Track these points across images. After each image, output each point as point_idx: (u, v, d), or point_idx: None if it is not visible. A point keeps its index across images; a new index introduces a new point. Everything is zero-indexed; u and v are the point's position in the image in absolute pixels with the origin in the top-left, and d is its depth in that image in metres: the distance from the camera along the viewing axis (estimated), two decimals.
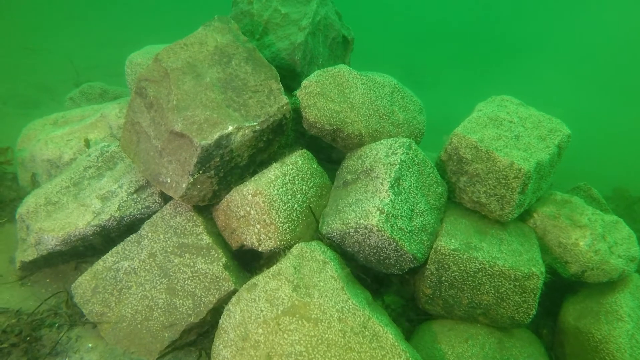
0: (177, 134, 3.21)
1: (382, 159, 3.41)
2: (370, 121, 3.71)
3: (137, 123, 3.57)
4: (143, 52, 4.61)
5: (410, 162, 3.40)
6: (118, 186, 3.63)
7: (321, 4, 4.33)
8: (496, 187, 3.46)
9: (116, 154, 4.03)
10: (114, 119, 4.66)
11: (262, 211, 3.21)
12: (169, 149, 3.27)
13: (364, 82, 3.77)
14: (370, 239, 3.19)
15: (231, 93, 3.41)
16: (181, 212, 3.44)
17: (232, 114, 3.30)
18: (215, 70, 3.50)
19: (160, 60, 3.53)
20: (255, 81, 3.49)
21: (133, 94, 3.62)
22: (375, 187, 3.32)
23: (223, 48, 3.62)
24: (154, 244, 3.36)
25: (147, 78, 3.54)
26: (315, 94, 3.61)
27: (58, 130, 4.72)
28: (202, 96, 3.34)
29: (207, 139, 3.12)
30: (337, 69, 3.74)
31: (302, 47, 3.95)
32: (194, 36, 3.68)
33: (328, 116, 3.59)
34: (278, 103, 3.41)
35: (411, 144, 3.44)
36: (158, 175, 3.32)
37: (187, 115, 3.23)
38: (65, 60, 10.00)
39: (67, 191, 3.77)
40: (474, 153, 3.52)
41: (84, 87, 5.84)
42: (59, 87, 8.97)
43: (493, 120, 3.69)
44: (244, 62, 3.58)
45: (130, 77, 4.51)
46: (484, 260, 3.25)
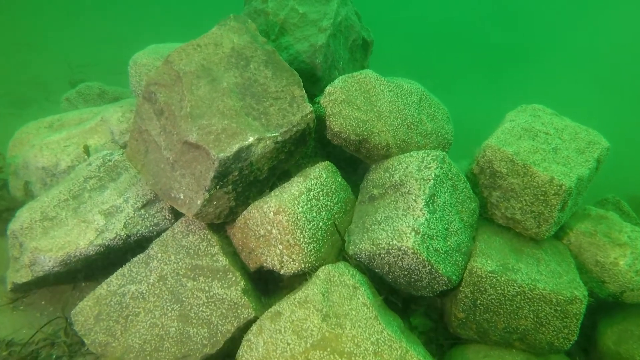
0: (191, 145, 2.92)
1: (414, 174, 3.15)
2: (398, 131, 3.44)
3: (145, 131, 3.26)
4: (148, 51, 4.29)
5: (445, 177, 3.14)
6: (123, 200, 3.31)
7: (342, 4, 4.05)
8: (533, 204, 3.22)
9: (120, 163, 3.71)
10: (116, 124, 4.33)
11: (285, 231, 2.93)
12: (182, 161, 2.97)
13: (391, 89, 3.51)
14: (403, 261, 2.93)
15: (250, 100, 3.12)
16: (194, 230, 3.14)
17: (252, 123, 3.01)
18: (232, 74, 3.21)
19: (171, 62, 3.23)
20: (276, 87, 3.20)
21: (141, 99, 3.31)
22: (408, 204, 3.07)
23: (240, 50, 3.32)
24: (165, 265, 3.06)
25: (156, 82, 3.23)
26: (340, 102, 3.34)
27: (54, 135, 4.38)
28: (218, 103, 3.04)
29: (226, 151, 2.83)
30: (363, 74, 3.47)
31: (323, 49, 3.67)
32: (208, 36, 3.38)
33: (354, 126, 3.32)
34: (302, 111, 3.13)
35: (445, 157, 3.19)
36: (169, 190, 3.02)
37: (203, 124, 2.94)
38: (60, 57, 9.58)
39: (66, 205, 3.45)
40: (509, 167, 3.28)
41: (81, 87, 5.48)
42: (54, 85, 8.55)
43: (528, 131, 3.45)
44: (263, 66, 3.29)
45: (134, 79, 4.19)
46: (523, 283, 3.02)
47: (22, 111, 7.56)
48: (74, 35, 11.23)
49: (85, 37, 11.38)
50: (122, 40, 12.02)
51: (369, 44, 4.47)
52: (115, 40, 11.88)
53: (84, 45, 10.77)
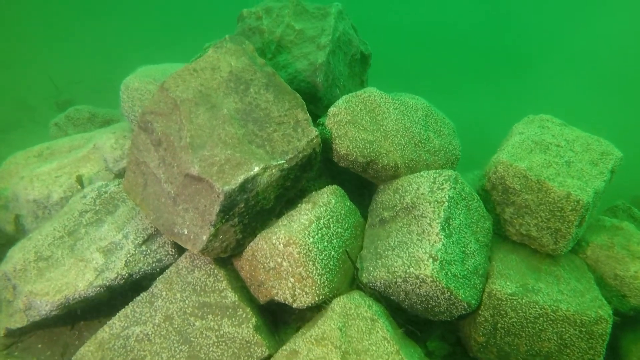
0: (193, 178, 2.77)
1: (426, 195, 3.04)
2: (406, 150, 3.33)
3: (142, 163, 3.10)
4: (139, 74, 4.13)
5: (458, 197, 3.03)
6: (123, 236, 3.14)
7: (339, 19, 3.94)
8: (550, 220, 3.13)
9: (116, 194, 3.54)
10: (109, 151, 4.16)
11: (296, 263, 2.78)
12: (185, 195, 2.82)
13: (397, 107, 3.40)
14: (420, 288, 2.81)
15: (252, 126, 2.98)
16: (199, 265, 2.99)
17: (256, 151, 2.87)
18: (232, 99, 3.06)
19: (167, 89, 3.08)
20: (278, 111, 3.07)
21: (136, 129, 3.15)
22: (422, 227, 2.95)
23: (239, 73, 3.18)
24: (170, 304, 2.89)
25: (152, 111, 3.07)
26: (345, 123, 3.21)
27: (45, 166, 4.18)
28: (219, 131, 2.90)
29: (230, 183, 2.68)
30: (366, 93, 3.35)
31: (323, 67, 3.55)
32: (205, 60, 3.24)
33: (361, 147, 3.20)
34: (307, 136, 2.99)
35: (457, 177, 3.08)
36: (172, 225, 2.86)
37: (205, 155, 2.79)
38: (43, 75, 9.31)
39: (61, 242, 3.27)
40: (522, 183, 3.18)
41: (70, 111, 5.28)
42: (39, 105, 8.30)
43: (538, 144, 3.36)
44: (264, 89, 3.15)
45: (126, 104, 4.02)
46: (545, 304, 2.91)
47: (6, 135, 7.32)
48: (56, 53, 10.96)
49: (68, 54, 11.10)
50: (106, 56, 11.77)
51: (367, 57, 4.36)
52: (99, 56, 11.62)
53: (68, 63, 10.50)
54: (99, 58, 11.42)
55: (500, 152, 3.37)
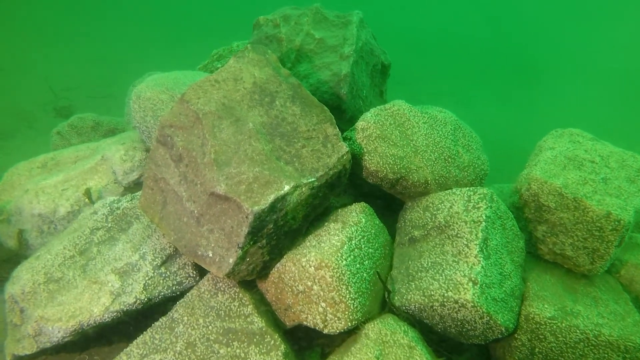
0: (219, 197, 2.60)
1: (461, 214, 2.90)
2: (436, 166, 3.20)
3: (161, 179, 2.92)
4: (151, 84, 3.94)
5: (495, 216, 2.91)
6: (139, 257, 2.96)
7: (360, 27, 3.81)
8: (587, 240, 3.01)
9: (129, 210, 3.35)
10: (119, 163, 3.97)
11: (329, 287, 2.63)
12: (210, 215, 2.65)
13: (426, 121, 3.27)
14: (458, 313, 2.67)
15: (280, 141, 2.83)
16: (223, 288, 2.82)
17: (285, 168, 2.71)
18: (258, 112, 2.91)
19: (187, 101, 2.91)
20: (306, 125, 2.92)
21: (154, 143, 2.98)
22: (458, 248, 2.81)
23: (263, 85, 3.03)
24: (192, 330, 2.72)
25: (172, 124, 2.91)
26: (375, 138, 3.08)
27: (50, 178, 3.98)
28: (245, 147, 2.74)
29: (260, 203, 2.52)
30: (395, 106, 3.22)
31: (348, 79, 3.41)
32: (226, 70, 3.08)
33: (391, 163, 3.06)
34: (337, 152, 2.85)
35: (492, 195, 2.95)
36: (196, 247, 2.69)
37: (231, 173, 2.63)
38: (40, 81, 9.06)
39: (73, 262, 3.07)
40: (557, 201, 3.06)
41: (73, 120, 5.08)
42: (37, 112, 8.05)
43: (572, 160, 3.25)
44: (290, 102, 3.00)
45: (138, 114, 3.84)
46: (587, 329, 2.79)
47: (5, 142, 7.07)
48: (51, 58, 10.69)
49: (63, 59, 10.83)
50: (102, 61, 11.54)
51: (387, 67, 4.23)
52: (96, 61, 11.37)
53: (63, 68, 10.24)
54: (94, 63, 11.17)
55: (532, 168, 3.25)
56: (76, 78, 9.78)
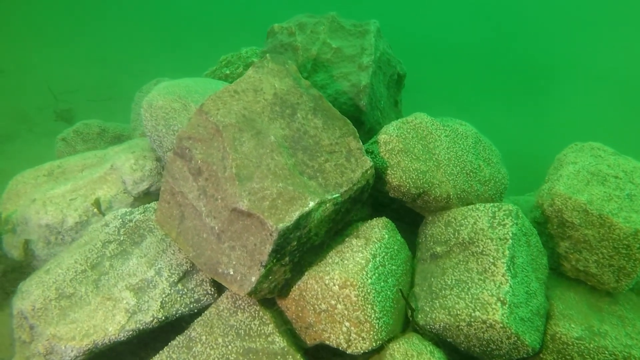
0: (241, 213, 2.52)
1: (486, 231, 2.84)
2: (458, 180, 3.14)
3: (179, 193, 2.84)
4: (162, 92, 3.85)
5: (520, 233, 2.85)
6: (155, 272, 2.87)
7: (378, 37, 3.74)
8: (613, 257, 2.96)
9: (142, 223, 3.26)
10: (129, 172, 3.87)
11: (354, 307, 2.55)
12: (231, 232, 2.57)
13: (448, 134, 3.21)
14: (485, 333, 2.60)
15: (302, 155, 2.75)
16: (243, 306, 2.73)
17: (309, 183, 2.64)
18: (279, 125, 2.83)
19: (206, 112, 2.83)
20: (329, 139, 2.85)
21: (172, 155, 2.89)
22: (483, 266, 2.75)
23: (284, 96, 2.96)
24: (211, 350, 2.63)
25: (190, 136, 2.82)
26: (397, 151, 3.01)
27: (58, 187, 3.88)
28: (268, 161, 2.66)
29: (285, 220, 2.44)
30: (417, 119, 3.15)
31: (367, 90, 3.35)
32: (245, 81, 3.00)
33: (414, 178, 2.99)
34: (361, 167, 2.78)
35: (518, 211, 2.89)
36: (216, 264, 2.61)
37: (254, 188, 2.55)
38: (39, 83, 8.91)
39: (84, 277, 2.97)
40: (582, 217, 3.01)
41: (78, 126, 4.97)
42: (36, 115, 7.91)
43: (595, 175, 3.20)
44: (312, 114, 2.93)
45: (150, 123, 3.75)
46: (616, 350, 2.73)
47: (4, 146, 6.93)
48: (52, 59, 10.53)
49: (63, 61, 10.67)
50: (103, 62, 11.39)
51: (402, 78, 4.17)
52: (96, 62, 11.23)
53: (64, 69, 10.08)
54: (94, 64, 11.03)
55: (554, 183, 3.20)
56: (76, 80, 9.64)
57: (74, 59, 10.77)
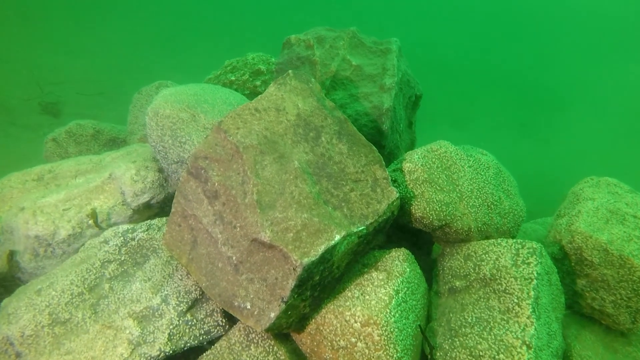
0: (262, 244, 2.36)
1: (509, 269, 2.76)
2: (479, 213, 3.05)
3: (191, 216, 2.65)
4: (168, 99, 3.63)
5: (544, 272, 2.78)
6: (161, 300, 2.67)
7: (399, 57, 3.63)
8: (631, 299, 2.93)
9: (145, 242, 3.05)
10: (129, 183, 3.64)
11: (375, 346, 2.42)
12: (250, 263, 2.41)
13: (471, 164, 3.12)
14: None
15: (327, 183, 2.61)
16: (256, 340, 2.56)
17: (334, 214, 2.50)
18: (303, 149, 2.68)
19: (226, 131, 2.66)
20: (354, 166, 2.71)
21: (185, 175, 2.70)
22: (506, 305, 2.67)
23: (307, 118, 2.81)
24: None
25: (207, 156, 2.64)
26: (422, 182, 2.90)
27: (50, 196, 3.61)
28: (292, 188, 2.51)
29: (310, 254, 2.30)
30: (442, 147, 3.05)
31: (390, 113, 3.23)
32: (267, 98, 2.84)
33: (438, 210, 2.89)
34: (388, 198, 2.65)
35: (542, 250, 2.82)
36: (232, 297, 2.44)
37: (277, 218, 2.39)
38: (22, 73, 8.46)
39: (81, 301, 2.75)
40: (602, 257, 2.97)
41: (72, 126, 4.69)
42: (20, 107, 7.49)
43: (614, 214, 3.17)
44: (336, 139, 2.79)
45: (155, 133, 3.53)
46: None
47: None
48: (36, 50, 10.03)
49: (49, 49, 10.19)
50: (92, 52, 10.96)
51: (419, 98, 4.07)
52: (82, 53, 10.79)
53: (51, 58, 9.62)
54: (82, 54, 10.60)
55: (573, 219, 3.15)
56: (63, 70, 9.21)
57: (61, 47, 10.30)
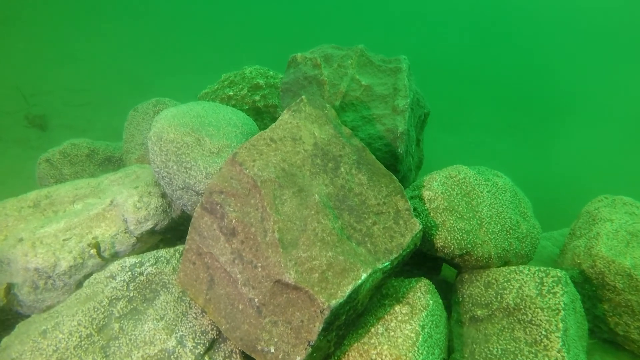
0: (286, 285, 2.25)
1: (534, 299, 2.70)
2: (499, 239, 2.99)
3: (207, 254, 2.52)
4: (173, 122, 3.48)
5: (570, 302, 2.72)
6: (177, 342, 2.54)
7: (410, 76, 3.55)
8: None
9: (154, 277, 2.91)
10: (132, 210, 3.49)
11: None
12: (273, 306, 2.29)
13: (489, 189, 3.05)
14: None
15: (348, 216, 2.51)
16: None
17: (358, 250, 2.40)
18: (322, 181, 2.58)
19: (241, 164, 2.53)
20: (376, 198, 2.62)
21: (199, 210, 2.57)
22: (534, 337, 2.60)
23: (325, 147, 2.70)
24: None
25: (222, 190, 2.52)
26: (442, 210, 2.82)
27: (49, 225, 3.44)
28: (314, 224, 2.40)
29: (337, 296, 2.19)
30: (461, 174, 2.98)
31: (404, 137, 3.14)
32: (281, 127, 2.72)
33: (459, 239, 2.81)
34: (411, 231, 2.56)
35: (566, 278, 2.77)
36: (255, 341, 2.32)
37: (301, 258, 2.28)
38: (7, 83, 8.17)
39: (91, 344, 2.60)
40: (626, 282, 2.93)
41: (65, 146, 4.50)
42: (4, 121, 7.22)
43: (634, 236, 3.14)
44: (356, 169, 2.69)
45: (158, 158, 3.38)
46: None
47: None
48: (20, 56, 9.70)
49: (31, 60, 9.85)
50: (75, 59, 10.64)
51: (427, 116, 4.00)
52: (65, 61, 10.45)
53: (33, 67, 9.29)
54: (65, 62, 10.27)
55: (593, 242, 3.11)
56: (48, 80, 8.91)
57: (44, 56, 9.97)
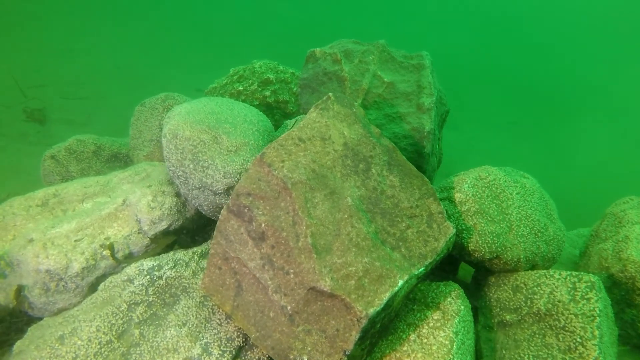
0: (321, 293, 2.16)
1: (567, 305, 2.64)
2: (528, 242, 2.92)
3: (234, 259, 2.42)
4: (189, 120, 3.36)
5: (604, 309, 2.67)
6: (202, 349, 2.44)
7: (433, 72, 3.45)
8: None
9: (174, 280, 2.81)
10: (146, 211, 3.37)
11: None
12: (307, 314, 2.20)
13: (518, 191, 2.98)
14: None
15: (382, 220, 2.42)
16: None
17: (393, 255, 2.31)
18: (354, 183, 2.48)
19: (270, 164, 2.43)
20: (408, 201, 2.53)
21: (225, 213, 2.47)
22: (567, 344, 2.55)
23: (355, 147, 2.60)
24: None
25: (250, 192, 2.41)
26: (473, 213, 2.74)
27: (60, 226, 3.31)
28: (347, 229, 2.31)
29: (374, 304, 2.11)
30: (491, 175, 2.90)
31: (430, 136, 3.05)
32: (309, 126, 2.62)
33: (489, 242, 2.74)
34: (445, 235, 2.48)
35: (600, 284, 2.71)
36: (288, 350, 2.23)
37: (336, 264, 2.19)
38: (5, 77, 7.94)
39: (111, 350, 2.50)
40: None
41: (71, 142, 4.35)
42: (2, 115, 7.01)
43: None
44: (387, 170, 2.59)
45: (174, 157, 3.26)
46: None
47: None
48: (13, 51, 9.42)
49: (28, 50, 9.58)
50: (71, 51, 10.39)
51: (447, 113, 3.91)
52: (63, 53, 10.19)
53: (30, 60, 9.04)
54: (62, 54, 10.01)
55: (622, 246, 3.06)
56: (46, 73, 8.68)
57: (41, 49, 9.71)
